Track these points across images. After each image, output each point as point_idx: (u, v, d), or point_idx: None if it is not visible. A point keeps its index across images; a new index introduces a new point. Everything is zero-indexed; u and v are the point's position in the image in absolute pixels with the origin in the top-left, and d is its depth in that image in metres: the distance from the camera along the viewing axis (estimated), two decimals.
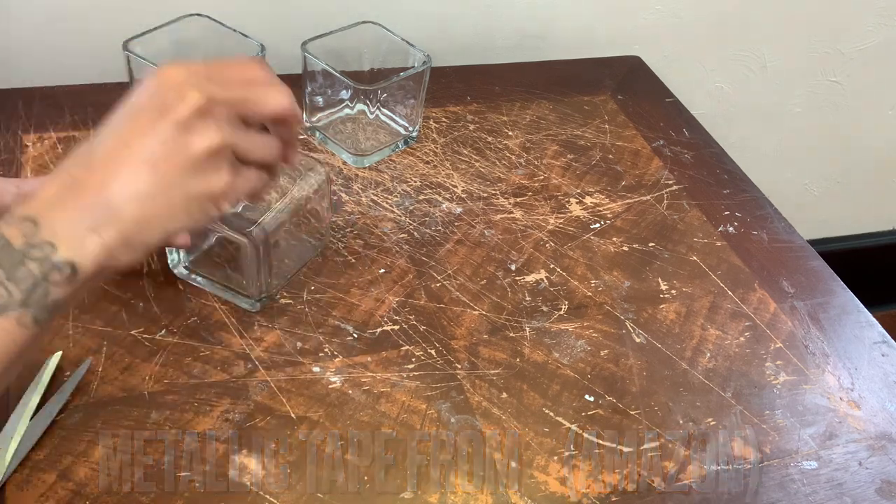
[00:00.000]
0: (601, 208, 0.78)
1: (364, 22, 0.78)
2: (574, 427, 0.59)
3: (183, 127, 0.41)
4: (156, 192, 0.41)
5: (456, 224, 0.74)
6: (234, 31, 0.74)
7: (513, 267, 0.70)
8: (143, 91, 0.42)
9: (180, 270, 0.63)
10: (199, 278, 0.63)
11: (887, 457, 0.61)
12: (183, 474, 0.52)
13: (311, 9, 0.89)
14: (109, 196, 0.40)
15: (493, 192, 0.78)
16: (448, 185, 0.78)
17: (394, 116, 0.80)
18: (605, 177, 0.82)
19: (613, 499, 0.55)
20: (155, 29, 0.72)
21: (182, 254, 0.62)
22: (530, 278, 0.70)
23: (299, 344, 0.61)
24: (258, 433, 0.55)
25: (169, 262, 0.63)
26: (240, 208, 0.63)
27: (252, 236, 0.56)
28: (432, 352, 0.62)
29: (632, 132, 0.89)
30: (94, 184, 0.40)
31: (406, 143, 0.81)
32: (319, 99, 0.78)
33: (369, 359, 0.61)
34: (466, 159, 0.81)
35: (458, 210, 0.75)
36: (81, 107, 0.78)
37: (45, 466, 0.51)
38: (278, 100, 0.44)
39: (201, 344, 0.59)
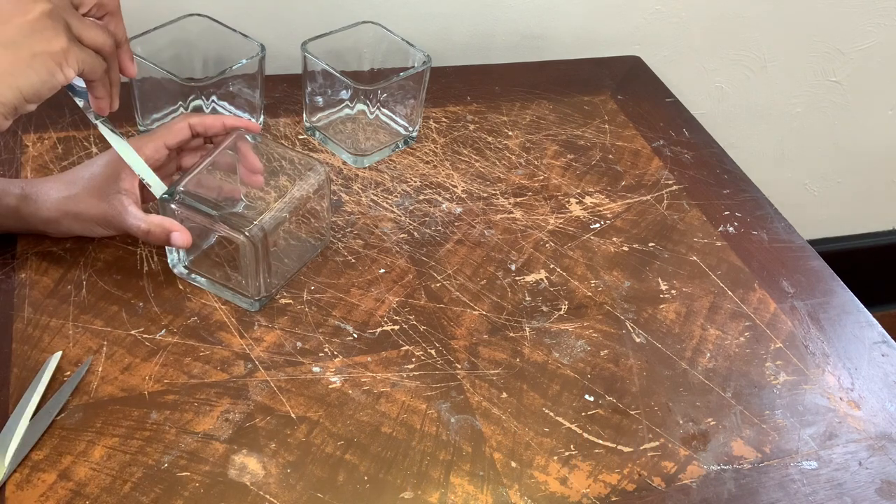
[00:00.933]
0: (601, 208, 0.78)
1: (364, 22, 0.78)
2: (574, 427, 0.59)
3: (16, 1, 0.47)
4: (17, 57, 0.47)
5: (456, 224, 0.74)
6: (234, 31, 0.74)
7: (513, 267, 0.70)
8: None
9: (180, 270, 0.63)
10: (198, 278, 0.63)
11: (887, 457, 0.61)
12: (183, 474, 0.52)
13: (311, 9, 0.89)
14: None
15: (493, 192, 0.78)
16: (448, 185, 0.78)
17: (394, 116, 0.80)
18: (605, 177, 0.82)
19: (613, 499, 0.55)
20: (155, 29, 0.72)
21: (182, 253, 0.62)
22: (530, 278, 0.70)
23: (299, 344, 0.61)
24: (258, 433, 0.55)
25: (169, 261, 0.63)
26: (240, 208, 0.64)
27: (251, 235, 0.57)
28: (432, 352, 0.62)
29: (632, 132, 0.89)
30: None
31: (406, 143, 0.81)
32: (319, 99, 0.78)
33: (369, 359, 0.61)
34: (466, 159, 0.81)
35: (458, 210, 0.75)
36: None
37: (45, 466, 0.51)
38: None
39: (201, 344, 0.59)
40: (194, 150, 0.65)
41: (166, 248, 0.62)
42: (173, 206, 0.58)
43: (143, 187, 0.61)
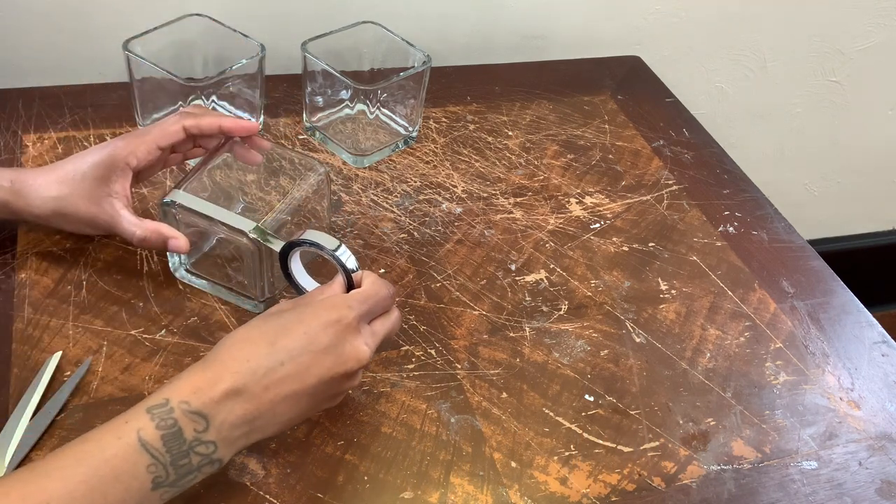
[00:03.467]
0: (601, 208, 0.78)
1: (364, 22, 0.78)
2: (574, 427, 0.59)
3: (348, 376, 0.50)
4: (304, 413, 0.49)
5: (456, 224, 0.74)
6: (234, 31, 0.74)
7: (513, 267, 0.70)
8: (326, 330, 0.48)
9: (182, 273, 0.63)
10: (201, 281, 0.63)
11: (887, 457, 0.61)
12: None
13: (311, 9, 0.89)
14: (270, 413, 0.47)
15: (493, 192, 0.78)
16: (448, 185, 0.78)
17: (394, 116, 0.80)
18: (605, 177, 0.82)
19: (613, 499, 0.55)
20: (155, 29, 0.72)
21: (183, 256, 0.62)
22: (530, 278, 0.70)
23: None
24: None
25: (170, 265, 0.63)
26: (239, 208, 0.63)
27: (253, 238, 0.56)
28: (432, 352, 0.62)
29: (632, 132, 0.89)
30: (264, 402, 0.46)
31: (406, 143, 0.81)
32: (319, 99, 0.78)
33: None
34: (466, 159, 0.81)
35: (458, 210, 0.75)
36: (81, 107, 0.78)
37: None
38: (399, 324, 0.55)
39: (201, 344, 0.59)
40: (183, 147, 0.64)
41: (167, 252, 0.62)
42: (174, 210, 0.58)
43: (133, 187, 0.61)
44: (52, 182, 0.59)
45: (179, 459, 0.43)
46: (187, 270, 0.63)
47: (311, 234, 0.54)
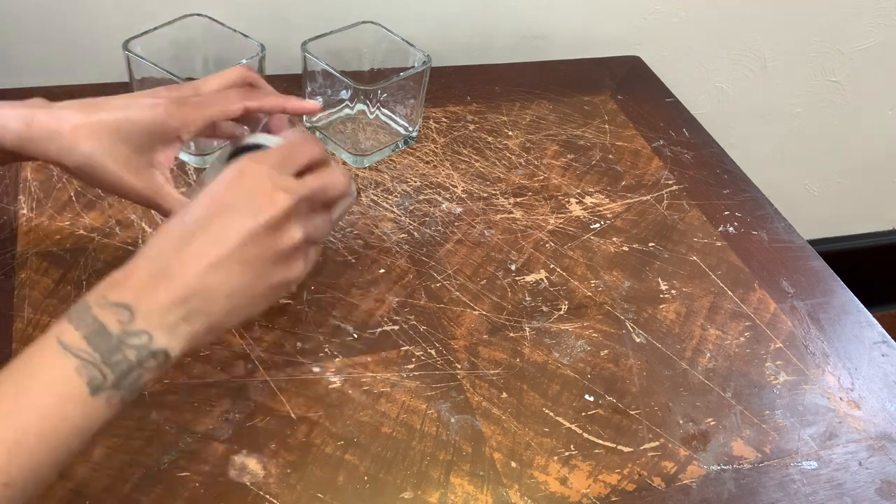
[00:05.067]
0: (601, 208, 0.78)
1: (364, 22, 0.78)
2: (574, 427, 0.59)
3: (273, 228, 0.44)
4: (245, 285, 0.44)
5: (456, 224, 0.74)
6: (234, 31, 0.74)
7: (513, 267, 0.70)
8: (230, 190, 0.45)
9: None
10: None
11: (887, 457, 0.61)
12: (183, 474, 0.52)
13: (311, 9, 0.89)
14: (203, 290, 0.42)
15: (493, 192, 0.78)
16: (448, 185, 0.78)
17: (394, 116, 0.80)
18: (605, 177, 0.82)
19: (613, 499, 0.55)
20: (155, 29, 0.72)
21: None
22: (530, 278, 0.70)
23: (299, 344, 0.61)
24: (258, 433, 0.55)
25: None
26: None
27: None
28: (432, 352, 0.62)
29: (632, 132, 0.89)
30: (188, 277, 0.42)
31: (406, 143, 0.81)
32: (319, 99, 0.78)
33: (369, 359, 0.61)
34: (466, 159, 0.81)
35: (458, 210, 0.75)
36: None
37: None
38: (343, 181, 0.49)
39: None
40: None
41: None
42: None
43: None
44: (82, 133, 0.50)
45: (111, 356, 0.40)
46: None
47: (254, 137, 0.52)
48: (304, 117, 0.80)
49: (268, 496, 0.51)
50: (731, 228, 0.79)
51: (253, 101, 0.56)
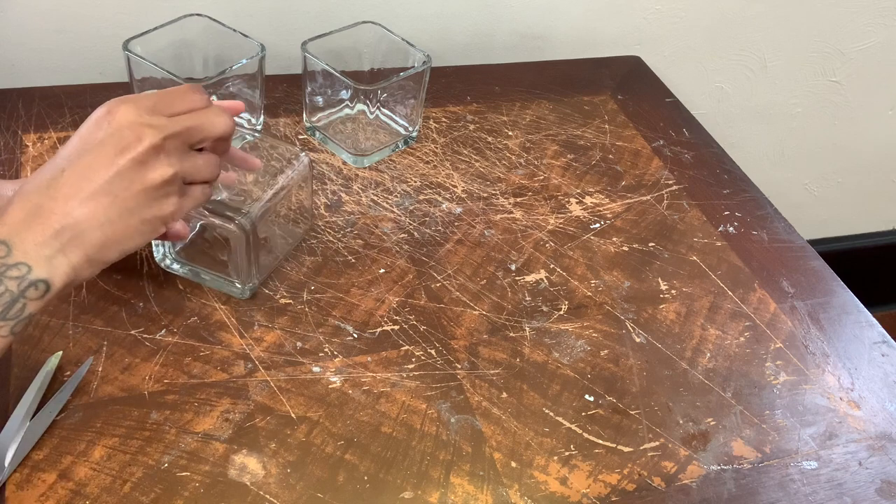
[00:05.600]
0: (601, 208, 0.78)
1: (364, 22, 0.78)
2: (574, 427, 0.59)
3: (139, 162, 0.47)
4: (115, 218, 0.47)
5: (456, 224, 0.74)
6: (234, 31, 0.74)
7: (513, 267, 0.70)
8: (97, 127, 0.47)
9: (167, 263, 0.63)
10: (186, 269, 0.63)
11: (887, 457, 0.61)
12: (183, 474, 0.52)
13: (311, 9, 0.89)
14: (74, 223, 0.45)
15: (493, 192, 0.78)
16: (448, 185, 0.78)
17: (394, 116, 0.80)
18: (605, 177, 0.82)
19: (613, 499, 0.55)
20: (155, 29, 0.72)
21: (167, 246, 0.63)
22: (530, 278, 0.70)
23: (299, 344, 0.61)
24: (258, 433, 0.55)
25: (155, 255, 0.63)
26: (223, 195, 0.63)
27: (240, 224, 0.57)
28: (432, 352, 0.62)
29: (632, 132, 0.89)
30: (59, 211, 0.45)
31: (406, 143, 0.81)
32: (319, 99, 0.78)
33: (369, 359, 0.61)
34: (466, 159, 0.81)
35: (458, 210, 0.75)
36: (81, 107, 0.78)
37: (45, 466, 0.51)
38: (222, 122, 0.51)
39: (201, 344, 0.59)
40: None
41: (152, 242, 0.62)
42: None
43: None
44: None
45: None
46: (173, 260, 0.63)
47: None
48: (304, 117, 0.80)
49: (268, 496, 0.51)
50: (731, 228, 0.79)
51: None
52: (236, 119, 0.65)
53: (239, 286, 0.62)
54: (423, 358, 0.61)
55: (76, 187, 0.45)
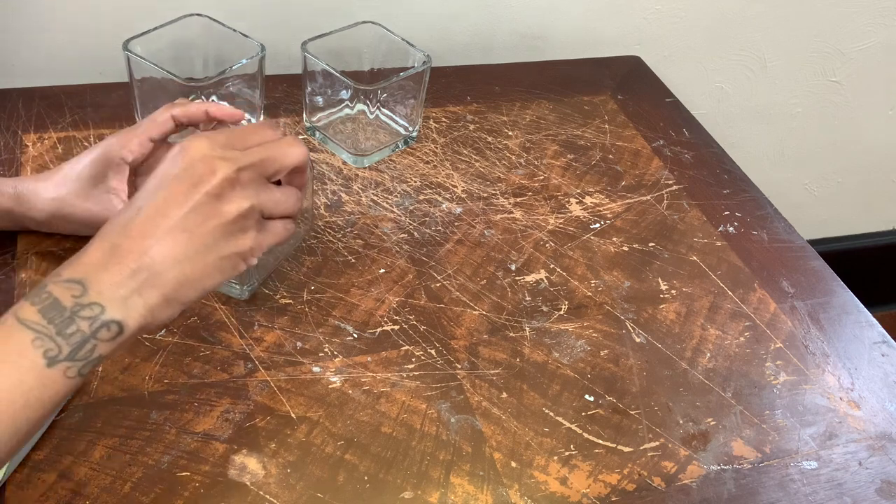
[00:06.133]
0: (601, 208, 0.78)
1: (364, 22, 0.78)
2: (574, 427, 0.59)
3: (215, 196, 0.45)
4: (192, 255, 0.45)
5: (456, 224, 0.74)
6: (234, 31, 0.74)
7: (513, 267, 0.70)
8: (173, 164, 0.46)
9: None
10: None
11: (887, 457, 0.61)
12: (183, 474, 0.52)
13: (311, 9, 0.89)
14: (151, 261, 0.43)
15: (493, 192, 0.78)
16: (448, 185, 0.78)
17: (394, 116, 0.80)
18: (605, 177, 0.82)
19: (613, 499, 0.55)
20: (155, 29, 0.72)
21: None
22: (530, 278, 0.70)
23: (299, 344, 0.61)
24: (258, 433, 0.55)
25: None
26: None
27: None
28: (432, 352, 0.62)
29: (632, 132, 0.89)
30: (136, 250, 0.43)
31: (406, 143, 0.81)
32: (319, 99, 0.78)
33: (369, 359, 0.61)
34: (466, 159, 0.81)
35: (458, 210, 0.75)
36: (81, 107, 0.78)
37: (44, 466, 0.51)
38: (296, 152, 0.50)
39: (201, 344, 0.59)
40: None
41: None
42: None
43: (132, 184, 0.61)
44: (49, 185, 0.60)
45: (65, 328, 0.41)
46: None
47: None
48: (304, 117, 0.80)
49: (268, 496, 0.51)
50: (731, 228, 0.79)
51: (177, 110, 0.60)
52: None
53: (239, 286, 0.62)
54: (423, 358, 0.61)
55: (151, 224, 0.44)
